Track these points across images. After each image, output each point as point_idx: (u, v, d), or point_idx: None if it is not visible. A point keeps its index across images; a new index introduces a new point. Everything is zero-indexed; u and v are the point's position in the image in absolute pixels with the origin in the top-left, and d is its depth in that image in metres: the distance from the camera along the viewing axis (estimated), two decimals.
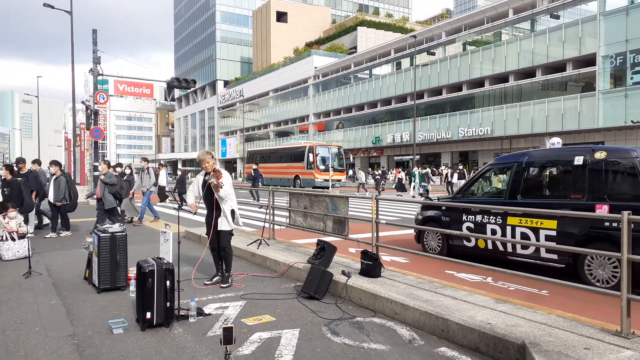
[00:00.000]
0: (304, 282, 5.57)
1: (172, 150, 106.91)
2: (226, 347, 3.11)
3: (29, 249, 7.00)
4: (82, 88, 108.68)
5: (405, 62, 47.80)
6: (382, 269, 5.72)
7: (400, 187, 26.02)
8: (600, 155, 5.91)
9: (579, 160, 6.07)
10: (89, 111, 20.94)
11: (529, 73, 35.39)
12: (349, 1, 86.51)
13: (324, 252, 5.98)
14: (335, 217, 7.13)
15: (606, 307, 4.77)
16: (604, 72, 30.35)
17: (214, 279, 6.03)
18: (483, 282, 6.04)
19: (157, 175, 14.79)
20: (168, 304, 4.44)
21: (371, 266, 5.61)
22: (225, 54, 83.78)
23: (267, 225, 8.50)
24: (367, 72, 52.32)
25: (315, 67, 57.50)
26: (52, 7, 23.47)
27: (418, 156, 41.70)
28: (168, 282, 4.47)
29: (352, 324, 4.53)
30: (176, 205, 5.57)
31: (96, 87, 20.57)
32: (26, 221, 8.48)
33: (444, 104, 42.54)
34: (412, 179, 24.23)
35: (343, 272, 5.60)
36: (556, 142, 7.43)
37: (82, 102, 22.58)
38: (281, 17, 76.72)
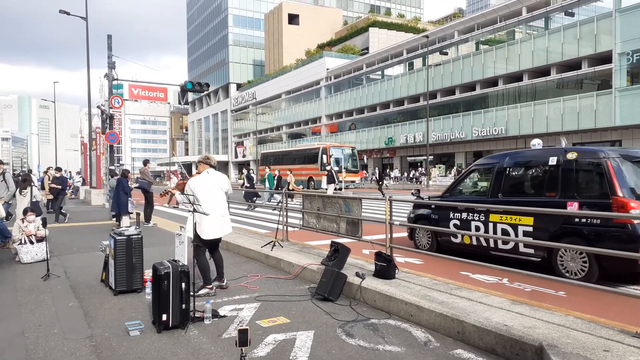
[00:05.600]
0: (318, 283, 5.57)
1: (187, 154, 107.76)
2: (241, 349, 3.12)
3: (47, 252, 7.10)
4: (98, 93, 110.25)
5: (418, 63, 47.58)
6: (397, 271, 5.69)
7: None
8: (571, 155, 6.26)
9: (553, 160, 6.43)
10: (104, 115, 21.19)
11: (543, 71, 34.98)
12: (361, 2, 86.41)
13: (338, 253, 5.97)
14: (348, 219, 7.12)
15: (625, 308, 4.69)
16: (620, 70, 29.88)
17: (213, 283, 5.87)
18: (499, 284, 5.98)
19: (148, 182, 13.80)
20: (184, 306, 4.47)
21: (385, 268, 5.59)
22: (237, 57, 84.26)
23: (280, 227, 8.52)
24: (379, 73, 52.19)
25: (327, 69, 57.52)
26: (68, 14, 23.81)
27: (432, 156, 41.49)
28: (183, 285, 4.50)
29: (366, 325, 4.52)
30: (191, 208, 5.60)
31: (111, 92, 20.82)
32: None
33: (457, 104, 42.24)
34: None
35: (357, 274, 5.59)
36: (537, 143, 7.96)
37: (98, 107, 22.89)
38: (293, 19, 76.93)
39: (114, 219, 13.38)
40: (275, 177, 21.97)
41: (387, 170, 45.64)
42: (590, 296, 5.27)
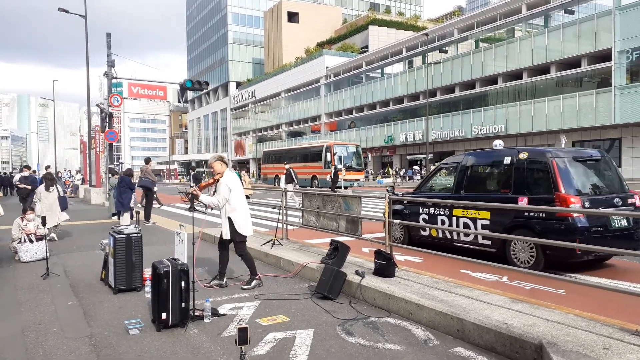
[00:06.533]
0: (317, 282, 5.57)
1: (186, 152, 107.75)
2: (241, 348, 3.12)
3: (46, 250, 7.10)
4: (97, 91, 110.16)
5: (418, 61, 47.54)
6: (396, 269, 5.69)
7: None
8: (523, 155, 6.82)
9: (507, 160, 7.02)
10: (103, 114, 21.18)
11: (543, 69, 34.96)
12: (360, 0, 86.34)
13: (337, 251, 5.96)
14: (348, 217, 7.12)
15: (625, 306, 4.69)
16: (620, 67, 29.87)
17: (212, 282, 5.97)
18: (498, 282, 5.98)
19: (151, 181, 13.66)
20: (183, 304, 4.46)
21: (385, 266, 5.58)
22: (237, 55, 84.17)
23: (280, 225, 8.52)
24: (379, 71, 52.14)
25: (327, 67, 57.48)
26: (67, 12, 23.77)
27: (431, 155, 41.48)
28: (183, 283, 4.49)
29: (366, 324, 4.52)
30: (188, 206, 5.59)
31: (110, 90, 20.80)
32: None
33: (457, 102, 42.22)
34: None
35: (357, 272, 5.59)
36: (498, 144, 8.55)
37: (97, 105, 22.88)
38: (292, 17, 76.84)
39: (114, 217, 13.38)
40: (285, 175, 22.12)
41: (396, 168, 45.52)
42: (590, 294, 5.27)
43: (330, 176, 25.50)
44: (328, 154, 31.59)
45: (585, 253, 6.06)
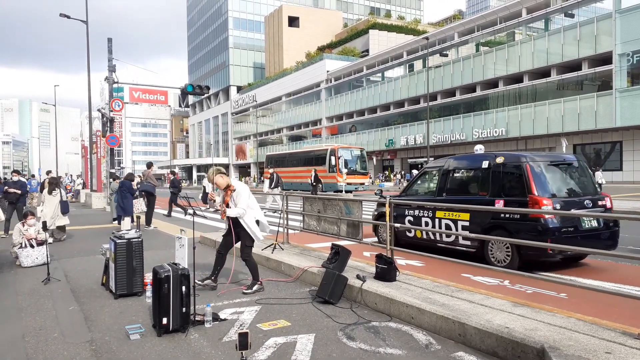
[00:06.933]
0: (318, 286, 5.55)
1: (187, 156, 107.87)
2: (242, 353, 3.11)
3: (47, 255, 7.09)
4: (98, 96, 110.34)
5: (418, 64, 47.65)
6: (398, 273, 5.68)
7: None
8: (499, 160, 7.12)
9: (485, 164, 7.29)
10: (104, 119, 21.22)
11: (543, 73, 35.01)
12: (361, 4, 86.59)
13: (338, 256, 5.95)
14: (349, 221, 7.11)
15: (628, 310, 4.67)
16: (620, 71, 29.90)
17: (205, 281, 6.00)
18: (500, 286, 5.96)
19: (152, 185, 13.67)
20: (184, 309, 4.45)
21: (386, 270, 5.57)
22: (238, 59, 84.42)
23: (281, 229, 8.51)
24: (380, 74, 52.26)
25: (328, 71, 57.61)
26: (69, 17, 23.88)
27: (432, 158, 41.46)
28: (184, 288, 4.49)
29: (367, 328, 4.50)
30: (190, 211, 5.59)
31: (112, 95, 20.86)
32: None
33: (457, 106, 42.27)
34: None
35: (358, 276, 5.58)
36: (479, 148, 8.82)
37: (98, 110, 22.91)
38: (293, 21, 77.09)
39: (115, 222, 13.37)
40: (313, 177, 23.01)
41: (402, 172, 45.48)
42: (592, 298, 5.25)
43: (311, 180, 24.91)
44: (332, 158, 31.06)
45: (558, 252, 6.41)
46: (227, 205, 5.84)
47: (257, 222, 6.00)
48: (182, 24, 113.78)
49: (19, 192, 12.57)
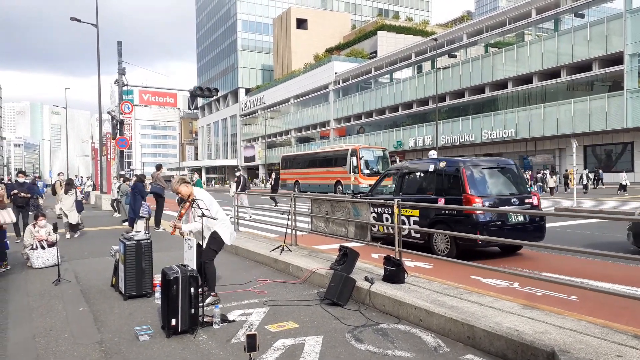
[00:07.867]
0: (326, 288, 5.55)
1: (196, 158, 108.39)
2: (250, 354, 3.12)
3: (58, 257, 7.16)
4: (108, 98, 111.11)
5: (427, 66, 47.52)
6: (406, 275, 5.65)
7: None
8: (442, 164, 8.35)
9: (431, 167, 8.56)
10: (114, 121, 21.42)
11: (553, 73, 34.74)
12: (369, 6, 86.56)
13: (347, 258, 5.94)
14: (357, 223, 7.10)
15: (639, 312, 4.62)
16: (631, 71, 29.61)
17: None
18: (509, 288, 5.92)
19: (161, 187, 13.54)
20: (193, 310, 4.47)
21: (394, 272, 5.55)
22: (246, 62, 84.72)
23: (289, 231, 8.52)
24: (388, 76, 52.16)
25: (336, 73, 57.61)
26: (79, 21, 24.09)
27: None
28: (192, 289, 4.50)
29: (376, 330, 4.49)
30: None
31: (121, 98, 21.04)
32: None
33: (466, 107, 42.08)
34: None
35: (366, 278, 5.56)
36: (432, 154, 10.36)
37: (108, 113, 23.12)
38: (301, 24, 77.23)
39: (124, 223, 13.43)
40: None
41: None
42: (603, 301, 5.20)
43: (271, 182, 23.81)
44: (354, 158, 29.25)
45: (486, 243, 7.71)
46: (181, 217, 5.46)
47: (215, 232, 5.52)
48: (191, 27, 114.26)
49: (29, 195, 12.16)
